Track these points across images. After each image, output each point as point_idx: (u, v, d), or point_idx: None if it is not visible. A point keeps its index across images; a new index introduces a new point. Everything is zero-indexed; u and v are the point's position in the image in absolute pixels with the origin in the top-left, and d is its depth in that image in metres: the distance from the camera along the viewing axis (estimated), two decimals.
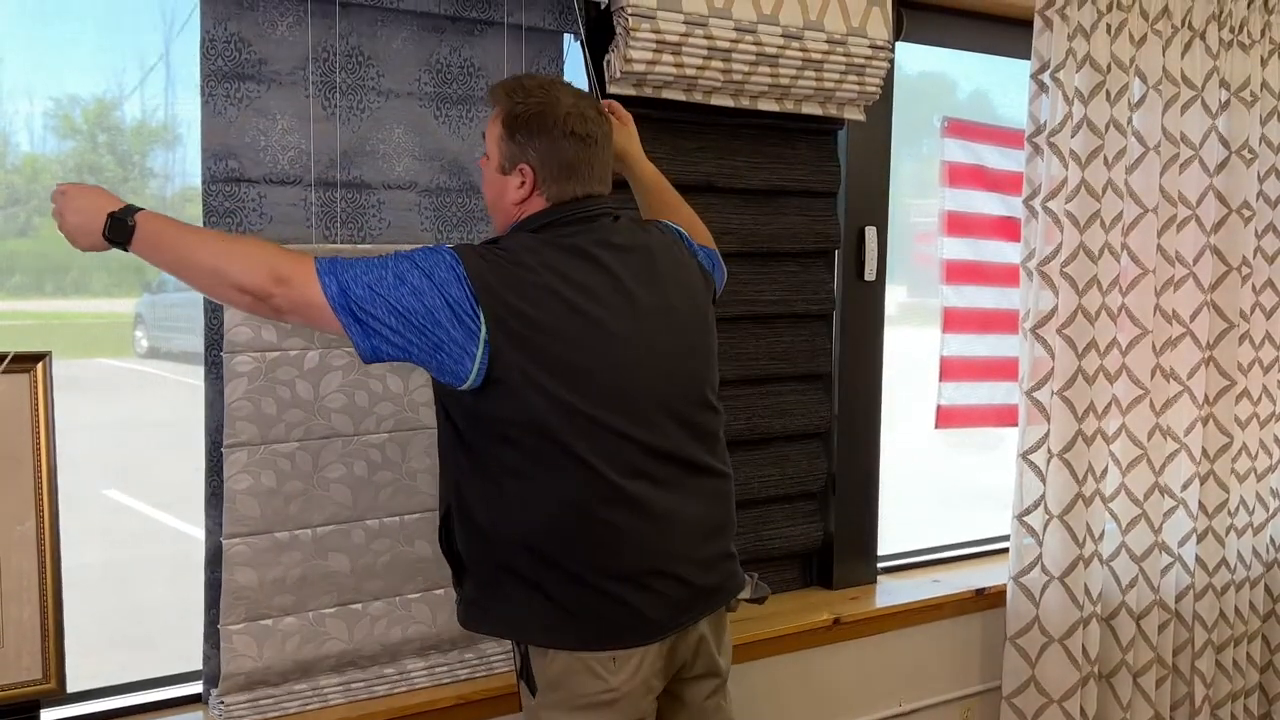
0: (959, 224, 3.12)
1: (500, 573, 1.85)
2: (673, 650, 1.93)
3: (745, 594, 2.05)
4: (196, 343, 2.12)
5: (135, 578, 2.36)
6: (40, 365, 1.95)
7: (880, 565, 3.13)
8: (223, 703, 2.12)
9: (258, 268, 1.71)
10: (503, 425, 1.79)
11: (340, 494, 2.18)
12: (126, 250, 1.75)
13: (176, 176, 2.38)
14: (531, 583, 1.82)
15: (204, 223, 2.07)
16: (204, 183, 2.08)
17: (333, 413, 2.15)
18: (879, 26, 2.70)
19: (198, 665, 2.20)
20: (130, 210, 1.74)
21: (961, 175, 3.11)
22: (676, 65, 2.43)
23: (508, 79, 1.98)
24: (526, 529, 1.81)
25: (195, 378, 2.13)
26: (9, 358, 1.90)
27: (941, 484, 3.66)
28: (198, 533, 2.14)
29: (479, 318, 1.73)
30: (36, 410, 1.94)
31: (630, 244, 1.91)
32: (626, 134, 2.18)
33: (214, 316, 2.09)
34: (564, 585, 1.82)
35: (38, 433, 1.95)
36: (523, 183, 1.87)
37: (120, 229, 1.73)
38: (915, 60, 3.14)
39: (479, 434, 1.82)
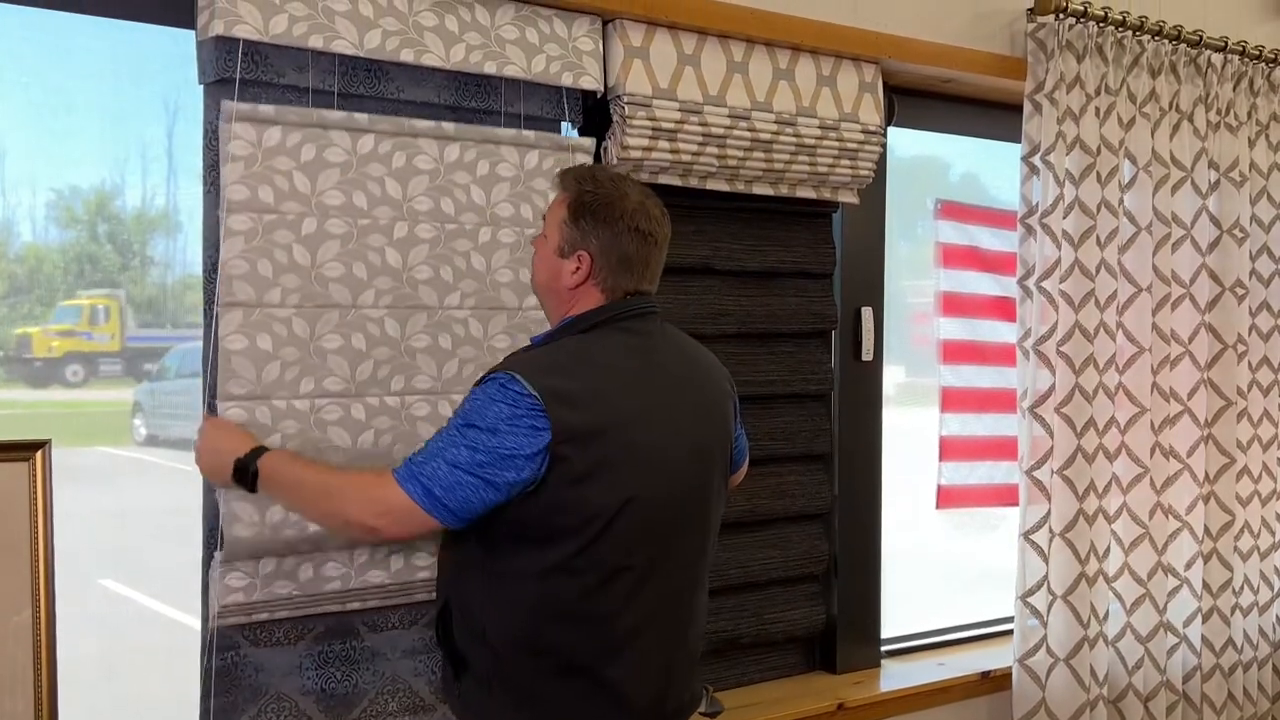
0: (955, 304, 3.14)
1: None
2: None
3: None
4: (194, 430, 2.10)
5: (130, 668, 2.32)
6: (39, 454, 1.94)
7: (884, 648, 3.10)
8: None
9: (362, 504, 1.76)
10: None
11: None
12: (255, 492, 1.86)
13: (177, 265, 2.39)
14: None
15: (203, 310, 2.08)
16: (204, 270, 2.09)
17: None
18: (871, 112, 2.74)
19: None
20: (255, 455, 1.83)
21: (956, 256, 3.14)
22: (672, 151, 2.46)
23: (580, 166, 2.04)
24: None
25: (193, 464, 2.11)
26: None
27: (944, 565, 3.63)
28: (194, 622, 2.12)
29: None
30: (35, 499, 1.93)
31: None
32: None
33: (212, 403, 2.08)
34: None
35: (36, 522, 1.93)
36: (578, 269, 1.88)
37: (243, 476, 1.83)
38: (908, 144, 3.19)
39: None
